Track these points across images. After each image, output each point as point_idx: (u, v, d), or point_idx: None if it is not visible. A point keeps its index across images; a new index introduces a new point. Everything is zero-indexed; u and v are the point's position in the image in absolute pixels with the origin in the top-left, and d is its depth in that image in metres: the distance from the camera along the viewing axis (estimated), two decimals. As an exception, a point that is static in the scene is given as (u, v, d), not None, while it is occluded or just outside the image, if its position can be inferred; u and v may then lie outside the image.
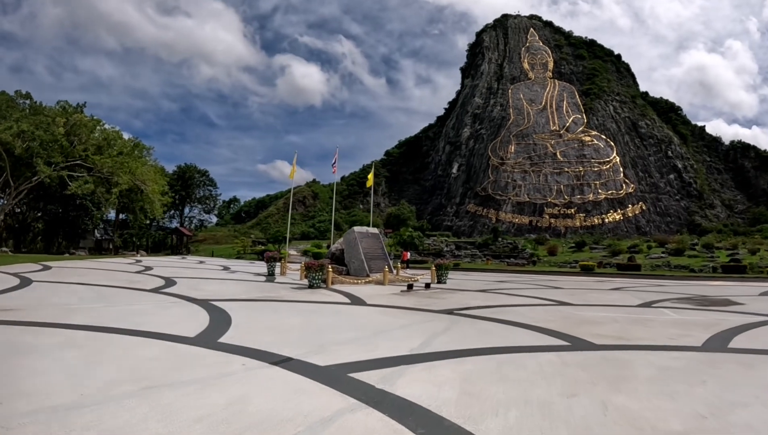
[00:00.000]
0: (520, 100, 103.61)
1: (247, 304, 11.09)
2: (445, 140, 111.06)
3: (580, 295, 16.21)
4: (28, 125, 46.12)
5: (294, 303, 11.82)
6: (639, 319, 10.31)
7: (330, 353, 6.03)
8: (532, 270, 41.62)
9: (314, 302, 12.01)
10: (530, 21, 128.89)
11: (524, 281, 25.13)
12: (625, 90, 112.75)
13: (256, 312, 9.87)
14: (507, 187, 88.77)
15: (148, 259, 43.22)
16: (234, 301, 11.38)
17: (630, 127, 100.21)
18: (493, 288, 18.73)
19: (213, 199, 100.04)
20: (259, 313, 9.69)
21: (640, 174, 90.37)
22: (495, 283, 22.25)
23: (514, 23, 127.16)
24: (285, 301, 12.13)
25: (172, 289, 13.77)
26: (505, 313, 10.65)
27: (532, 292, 17.22)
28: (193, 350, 6.07)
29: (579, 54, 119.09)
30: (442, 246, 67.29)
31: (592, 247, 61.83)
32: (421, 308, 11.37)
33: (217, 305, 10.24)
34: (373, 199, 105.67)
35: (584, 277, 32.16)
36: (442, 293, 15.58)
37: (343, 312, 10.45)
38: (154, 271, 22.89)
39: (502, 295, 15.42)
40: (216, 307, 9.92)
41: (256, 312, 9.88)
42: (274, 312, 10.13)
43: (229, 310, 9.65)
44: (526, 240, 69.90)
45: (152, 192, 55.35)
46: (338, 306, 11.56)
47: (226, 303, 10.80)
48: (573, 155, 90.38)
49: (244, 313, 9.35)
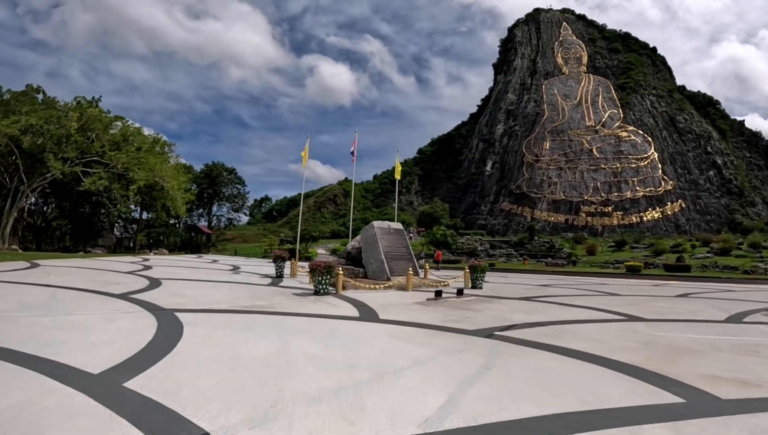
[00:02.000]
0: (555, 95, 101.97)
1: (220, 318, 8.77)
2: (479, 137, 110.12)
3: (645, 304, 14.01)
4: (37, 119, 44.28)
5: (282, 317, 9.21)
6: (745, 345, 7.98)
7: (279, 425, 3.64)
8: (573, 271, 40.67)
9: (309, 316, 9.42)
10: (563, 15, 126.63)
11: (570, 284, 22.66)
12: (661, 84, 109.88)
13: (220, 331, 7.47)
14: (542, 185, 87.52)
15: (159, 258, 39.96)
16: (206, 313, 9.28)
17: (668, 122, 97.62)
18: (537, 295, 15.96)
19: (242, 197, 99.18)
20: (223, 333, 7.27)
21: (679, 170, 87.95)
22: (538, 288, 19.50)
23: (547, 17, 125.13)
24: (271, 314, 9.54)
25: (145, 295, 11.81)
26: (563, 336, 8.11)
27: (585, 299, 14.98)
28: (63, 403, 3.98)
29: (613, 47, 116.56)
30: (476, 245, 66.58)
31: (633, 246, 60.36)
32: (450, 327, 8.64)
33: (179, 318, 8.40)
34: (402, 198, 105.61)
35: (633, 279, 30.48)
36: (477, 303, 12.99)
37: (339, 333, 7.75)
38: (151, 271, 20.83)
39: (552, 306, 12.90)
40: (175, 321, 8.08)
41: (222, 331, 7.47)
42: (246, 331, 7.52)
43: (189, 325, 7.73)
44: (563, 239, 68.70)
45: (171, 188, 53.51)
46: (338, 322, 8.82)
47: (194, 315, 8.86)
48: (610, 151, 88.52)
49: (203, 333, 7.20)
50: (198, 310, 9.60)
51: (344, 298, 12.89)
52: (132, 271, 20.14)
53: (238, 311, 9.70)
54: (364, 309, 10.77)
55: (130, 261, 29.90)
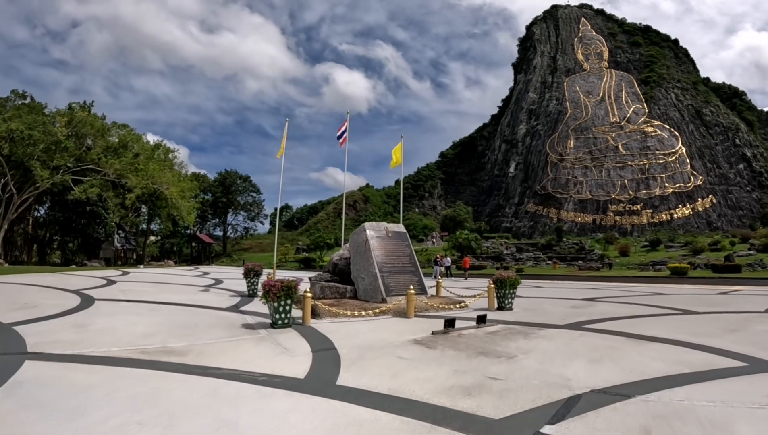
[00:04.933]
0: (577, 92, 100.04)
1: (77, 376, 5.26)
2: (501, 139, 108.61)
3: (746, 329, 9.25)
4: (19, 124, 40.96)
5: (180, 376, 5.41)
6: None
7: None
8: (610, 275, 38.81)
9: (223, 376, 5.42)
10: (581, 10, 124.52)
11: (619, 296, 17.61)
12: (685, 76, 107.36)
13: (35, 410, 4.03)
14: (567, 185, 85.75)
15: (144, 271, 34.78)
16: (73, 363, 6.04)
17: (694, 115, 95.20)
18: (589, 319, 10.79)
19: (257, 205, 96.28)
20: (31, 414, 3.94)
21: (708, 165, 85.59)
22: (583, 304, 14.58)
23: (565, 13, 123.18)
24: (170, 370, 5.74)
25: (36, 327, 8.53)
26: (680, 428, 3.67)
27: (656, 323, 10.14)
28: None
29: (634, 41, 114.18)
30: (502, 248, 65.15)
31: (668, 245, 58.18)
32: (458, 410, 4.19)
33: (14, 377, 5.14)
34: (425, 203, 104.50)
35: (686, 284, 26.82)
36: (506, 338, 8.30)
37: (237, 427, 3.68)
38: (104, 289, 17.30)
39: (619, 339, 8.14)
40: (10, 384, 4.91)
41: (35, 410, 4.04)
42: (77, 415, 3.92)
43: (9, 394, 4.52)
44: (593, 239, 66.93)
45: (171, 195, 49.70)
46: (257, 395, 4.66)
47: (46, 367, 5.71)
48: (636, 147, 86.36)
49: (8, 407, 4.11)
50: (71, 356, 6.39)
51: (308, 335, 8.52)
52: (80, 289, 16.84)
53: (125, 361, 6.25)
54: (323, 358, 6.62)
55: (99, 276, 25.66)
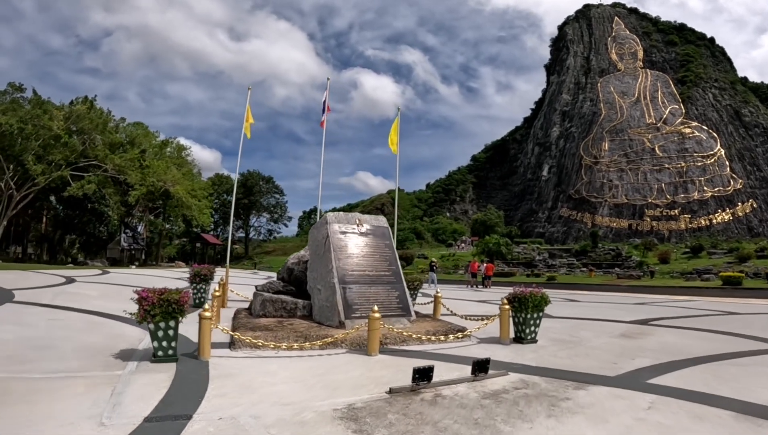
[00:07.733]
0: (611, 93, 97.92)
1: None
2: (534, 141, 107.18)
3: None
4: (9, 117, 39.56)
5: None
6: None
7: None
8: (653, 285, 37.01)
9: None
10: (614, 9, 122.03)
11: (683, 314, 14.49)
12: (722, 76, 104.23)
13: None
14: (602, 188, 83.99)
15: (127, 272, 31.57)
16: None
17: (732, 115, 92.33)
18: (658, 363, 7.13)
19: (281, 207, 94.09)
20: None
21: (748, 167, 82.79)
22: (637, 329, 11.09)
23: (597, 13, 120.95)
24: None
25: None
26: None
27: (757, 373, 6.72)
28: None
29: (669, 40, 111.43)
30: (534, 254, 63.92)
31: (711, 251, 56.25)
32: None
33: None
34: (456, 207, 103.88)
35: (751, 298, 23.88)
36: (514, 415, 4.46)
37: None
38: (37, 292, 14.94)
39: (726, 416, 4.59)
40: None
41: None
42: None
43: None
44: (630, 245, 65.31)
45: (177, 193, 48.08)
46: None
47: None
48: (673, 150, 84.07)
49: None
50: None
51: (181, 382, 5.54)
52: (13, 288, 15.00)
53: None
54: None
55: (68, 275, 23.44)
